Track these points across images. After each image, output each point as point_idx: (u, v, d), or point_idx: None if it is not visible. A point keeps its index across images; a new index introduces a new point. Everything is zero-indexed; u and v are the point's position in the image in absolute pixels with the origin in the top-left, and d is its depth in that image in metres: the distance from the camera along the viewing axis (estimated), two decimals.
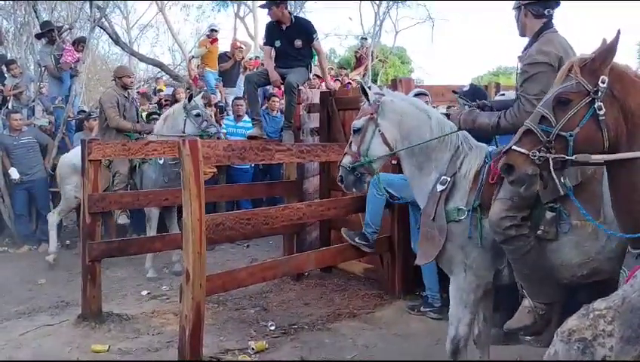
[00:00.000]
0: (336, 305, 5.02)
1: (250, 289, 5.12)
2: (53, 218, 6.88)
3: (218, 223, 3.83)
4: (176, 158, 5.99)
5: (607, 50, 2.25)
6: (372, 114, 3.34)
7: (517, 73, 3.15)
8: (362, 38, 14.83)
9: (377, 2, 17.43)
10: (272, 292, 5.40)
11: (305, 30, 5.92)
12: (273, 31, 5.93)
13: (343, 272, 5.80)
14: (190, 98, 6.29)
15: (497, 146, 3.29)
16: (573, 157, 2.25)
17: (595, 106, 2.22)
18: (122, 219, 6.39)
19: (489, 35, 39.47)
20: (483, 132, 3.23)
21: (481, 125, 3.15)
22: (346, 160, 3.43)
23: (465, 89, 4.04)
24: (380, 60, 16.40)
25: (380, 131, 3.32)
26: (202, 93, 7.15)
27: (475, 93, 3.86)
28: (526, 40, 3.20)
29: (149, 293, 5.51)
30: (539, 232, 2.95)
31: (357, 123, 3.42)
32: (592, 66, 2.26)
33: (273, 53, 6.03)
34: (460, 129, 3.25)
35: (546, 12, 3.05)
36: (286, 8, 5.89)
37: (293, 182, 5.77)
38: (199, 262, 3.61)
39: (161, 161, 6.06)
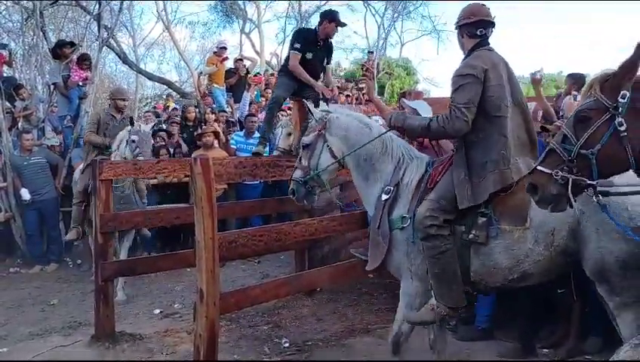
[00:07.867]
0: (349, 321, 4.99)
1: (263, 306, 5.08)
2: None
3: (231, 241, 3.79)
4: (118, 182, 5.76)
5: (628, 65, 2.16)
6: (320, 130, 3.66)
7: None
8: (369, 52, 14.93)
9: (381, 16, 17.60)
10: (285, 308, 5.37)
11: (330, 52, 5.73)
12: (310, 42, 5.47)
13: (354, 287, 5.76)
14: (132, 122, 6.20)
15: None
16: (594, 183, 2.20)
17: (616, 122, 2.14)
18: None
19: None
20: (411, 133, 3.48)
21: (411, 126, 3.34)
22: (297, 173, 3.75)
23: None
24: (386, 73, 16.50)
25: (327, 146, 3.63)
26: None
27: None
28: None
29: (161, 312, 5.50)
30: (471, 236, 3.15)
31: (306, 139, 3.74)
32: (613, 83, 2.19)
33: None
34: (390, 128, 3.49)
35: (478, 32, 3.24)
36: None
37: None
38: (213, 281, 3.58)
39: None
